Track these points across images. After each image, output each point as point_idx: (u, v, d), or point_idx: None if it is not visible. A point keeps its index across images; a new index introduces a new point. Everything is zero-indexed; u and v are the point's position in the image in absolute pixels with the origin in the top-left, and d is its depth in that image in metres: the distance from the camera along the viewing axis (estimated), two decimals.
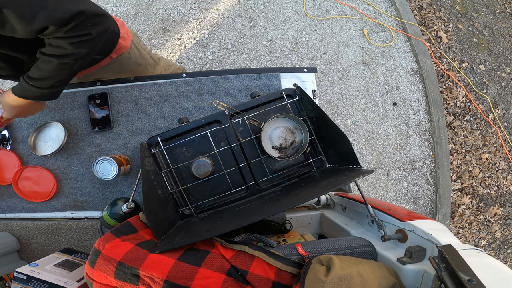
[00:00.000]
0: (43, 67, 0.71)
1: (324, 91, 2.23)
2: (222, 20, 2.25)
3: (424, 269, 0.56)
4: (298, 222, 1.06)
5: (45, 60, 0.70)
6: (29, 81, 0.73)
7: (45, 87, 0.75)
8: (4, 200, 1.08)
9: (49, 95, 0.78)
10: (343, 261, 0.57)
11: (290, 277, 0.61)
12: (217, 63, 2.18)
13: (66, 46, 0.67)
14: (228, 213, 0.86)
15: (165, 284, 0.58)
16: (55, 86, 0.76)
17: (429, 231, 0.60)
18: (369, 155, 2.20)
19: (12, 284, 0.74)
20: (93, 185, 1.07)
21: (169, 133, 0.94)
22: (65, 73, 0.75)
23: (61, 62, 0.70)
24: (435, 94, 2.30)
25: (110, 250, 0.62)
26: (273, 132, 0.96)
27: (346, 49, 2.31)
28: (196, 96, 1.10)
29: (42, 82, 0.74)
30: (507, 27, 2.66)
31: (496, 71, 2.52)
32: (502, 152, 2.38)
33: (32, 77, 0.73)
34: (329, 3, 2.38)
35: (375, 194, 2.17)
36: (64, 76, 0.76)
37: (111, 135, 1.07)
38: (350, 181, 0.70)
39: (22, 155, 1.08)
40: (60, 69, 0.72)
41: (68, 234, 1.06)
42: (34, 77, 0.73)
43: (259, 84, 1.11)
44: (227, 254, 0.64)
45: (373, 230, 0.80)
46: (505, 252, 2.31)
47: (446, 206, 2.20)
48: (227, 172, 0.93)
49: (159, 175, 0.91)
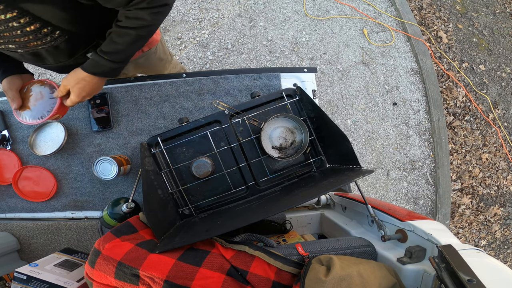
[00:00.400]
0: (119, 40, 0.71)
1: (324, 91, 2.23)
2: (222, 20, 2.25)
3: (424, 269, 0.56)
4: (298, 222, 1.06)
5: (122, 33, 0.70)
6: (103, 55, 0.72)
7: (118, 61, 0.75)
8: (4, 200, 1.08)
9: (117, 70, 0.78)
10: (343, 261, 0.57)
11: (290, 277, 0.61)
12: (217, 63, 2.18)
13: (146, 17, 0.67)
14: (228, 213, 0.86)
15: (165, 284, 0.58)
16: (125, 60, 0.76)
17: (429, 231, 0.60)
18: (369, 155, 2.20)
19: (12, 284, 0.74)
20: (93, 185, 1.07)
21: (169, 133, 0.94)
22: (139, 45, 0.75)
23: (138, 34, 0.70)
24: (435, 94, 2.30)
25: (110, 250, 0.62)
26: (273, 132, 0.96)
27: (346, 49, 2.31)
28: (196, 96, 1.10)
29: (116, 56, 0.73)
30: (507, 27, 2.66)
31: (496, 71, 2.52)
32: (502, 152, 2.38)
33: (107, 51, 0.72)
34: (329, 3, 2.38)
35: (375, 194, 2.17)
36: (137, 49, 0.76)
37: (111, 135, 1.07)
38: (350, 181, 0.70)
39: (22, 155, 1.08)
40: (136, 41, 0.72)
41: (68, 234, 1.06)
42: (109, 51, 0.72)
43: (259, 84, 1.11)
44: (227, 254, 0.64)
45: (373, 230, 0.80)
46: (505, 252, 2.31)
47: (446, 206, 2.20)
48: (227, 172, 0.93)
49: (159, 175, 0.91)
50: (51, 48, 0.71)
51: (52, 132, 1.06)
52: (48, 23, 0.63)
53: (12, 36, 0.62)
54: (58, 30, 0.66)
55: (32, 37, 0.64)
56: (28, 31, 0.62)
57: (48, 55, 0.74)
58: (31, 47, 0.68)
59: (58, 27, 0.65)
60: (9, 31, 0.61)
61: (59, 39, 0.68)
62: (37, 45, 0.67)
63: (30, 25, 0.61)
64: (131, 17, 0.67)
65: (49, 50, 0.71)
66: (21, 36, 0.63)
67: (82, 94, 0.79)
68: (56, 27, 0.65)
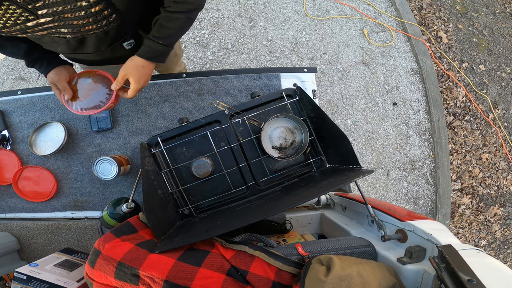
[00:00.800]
0: (170, 25, 0.74)
1: (324, 91, 2.23)
2: (222, 20, 2.25)
3: (424, 269, 0.56)
4: (298, 222, 1.06)
5: (172, 17, 0.73)
6: (158, 40, 0.75)
7: (170, 45, 0.78)
8: (4, 200, 1.08)
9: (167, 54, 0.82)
10: (343, 261, 0.57)
11: (290, 277, 0.61)
12: (217, 63, 2.18)
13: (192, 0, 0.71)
14: (228, 213, 0.86)
15: (165, 284, 0.58)
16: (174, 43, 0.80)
17: (429, 231, 0.60)
18: (369, 155, 2.20)
19: (12, 284, 0.74)
20: (93, 185, 1.07)
21: (169, 133, 0.94)
22: (187, 28, 0.79)
23: (187, 17, 0.74)
24: (435, 94, 2.30)
25: (110, 250, 0.62)
26: (273, 132, 0.96)
27: (346, 49, 2.31)
28: (196, 96, 1.10)
29: (169, 40, 0.77)
30: (507, 27, 2.66)
31: (496, 71, 2.52)
32: (502, 152, 2.38)
33: (160, 36, 0.75)
34: (329, 3, 2.38)
35: (375, 194, 2.17)
36: (185, 31, 0.80)
37: (111, 135, 1.07)
38: (350, 181, 0.70)
39: (22, 155, 1.08)
40: (185, 24, 0.76)
41: (68, 234, 1.06)
42: (162, 36, 0.75)
43: (259, 84, 1.11)
44: (227, 254, 0.64)
45: (373, 230, 0.80)
46: (505, 252, 2.31)
47: (446, 206, 2.20)
48: (227, 172, 0.93)
49: (159, 175, 0.91)
50: (101, 34, 0.72)
51: (52, 132, 1.06)
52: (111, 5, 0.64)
53: (73, 18, 0.63)
54: (115, 14, 0.67)
55: (91, 20, 0.65)
56: (92, 13, 0.63)
57: (93, 42, 0.75)
58: (84, 32, 0.68)
59: (117, 10, 0.67)
60: (74, 11, 0.61)
61: (112, 24, 0.70)
62: (90, 29, 0.68)
63: (96, 6, 0.62)
64: (179, 1, 0.70)
65: (98, 36, 0.72)
66: (82, 18, 0.63)
67: (141, 80, 0.81)
68: (115, 10, 0.67)
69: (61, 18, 0.62)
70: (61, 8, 0.59)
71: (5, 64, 2.13)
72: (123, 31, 0.77)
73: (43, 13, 0.59)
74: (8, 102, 1.09)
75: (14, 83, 2.11)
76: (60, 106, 1.08)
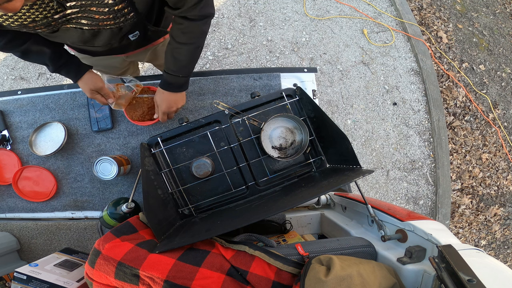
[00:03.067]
0: (182, 57, 0.81)
1: (324, 91, 2.23)
2: (222, 20, 2.25)
3: (424, 269, 0.56)
4: (298, 222, 1.06)
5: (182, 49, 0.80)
6: (173, 73, 0.84)
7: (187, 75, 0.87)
8: (4, 200, 1.08)
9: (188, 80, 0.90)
10: (343, 261, 0.57)
11: (290, 277, 0.61)
12: (217, 63, 2.18)
13: (197, 30, 0.77)
14: (228, 213, 0.86)
15: (165, 284, 0.58)
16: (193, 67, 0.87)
17: (429, 231, 0.60)
18: (369, 155, 2.20)
19: (12, 284, 0.74)
20: (93, 185, 1.07)
21: (169, 133, 0.94)
22: (198, 55, 0.85)
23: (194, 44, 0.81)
24: (435, 94, 2.30)
25: (110, 250, 0.62)
26: (273, 132, 0.96)
27: (346, 49, 2.31)
28: (196, 96, 1.10)
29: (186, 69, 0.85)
30: (507, 27, 2.66)
31: (496, 71, 2.52)
32: (502, 152, 2.38)
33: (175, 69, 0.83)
34: (329, 3, 2.38)
35: (375, 194, 2.17)
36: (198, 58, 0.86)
37: (111, 135, 1.07)
38: (350, 181, 0.70)
39: (22, 155, 1.08)
40: (195, 52, 0.83)
41: (68, 234, 1.06)
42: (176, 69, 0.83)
43: (259, 84, 1.11)
44: (227, 254, 0.64)
45: (373, 230, 0.79)
46: (505, 252, 2.31)
47: (446, 206, 2.20)
48: (227, 172, 0.93)
49: (159, 175, 0.91)
50: (116, 29, 0.73)
51: (52, 132, 1.06)
52: (132, 4, 0.67)
53: (95, 12, 0.65)
54: (133, 12, 0.70)
55: (111, 16, 0.67)
56: (114, 10, 0.65)
57: (106, 36, 0.76)
58: (101, 26, 0.70)
59: (136, 9, 0.69)
60: (99, 6, 0.63)
61: (129, 21, 0.72)
62: (107, 24, 0.70)
63: (119, 4, 0.64)
64: (185, 31, 0.77)
65: (113, 31, 0.74)
66: (105, 14, 0.65)
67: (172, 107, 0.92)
68: (134, 10, 0.69)
69: (86, 10, 0.64)
70: (90, 1, 0.62)
71: (5, 64, 2.13)
72: (135, 27, 0.79)
73: (71, 5, 0.62)
74: (8, 102, 1.09)
75: (14, 83, 2.11)
76: (60, 106, 1.08)
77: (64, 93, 1.09)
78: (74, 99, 1.09)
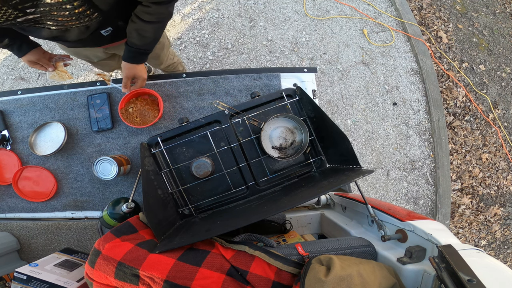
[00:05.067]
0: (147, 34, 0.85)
1: (324, 91, 2.23)
2: (222, 20, 2.25)
3: (424, 269, 0.56)
4: (298, 222, 1.06)
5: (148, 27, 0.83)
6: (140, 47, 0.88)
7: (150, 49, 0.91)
8: (4, 200, 1.08)
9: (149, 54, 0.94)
10: (343, 261, 0.57)
11: (290, 277, 0.61)
12: (217, 63, 2.18)
13: (165, 11, 0.81)
14: (228, 213, 0.86)
15: (165, 284, 0.58)
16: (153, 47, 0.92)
17: (429, 231, 0.60)
18: (369, 155, 2.20)
19: (12, 284, 0.74)
20: (93, 185, 1.07)
21: (169, 133, 0.94)
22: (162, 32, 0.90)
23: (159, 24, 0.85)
24: (435, 94, 2.30)
25: (110, 250, 0.62)
26: (273, 132, 0.96)
27: (346, 49, 2.31)
28: (196, 96, 1.10)
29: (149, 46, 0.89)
30: (507, 27, 2.66)
31: (496, 71, 2.52)
32: (502, 152, 2.38)
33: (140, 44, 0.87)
34: (329, 3, 2.38)
35: (375, 194, 2.17)
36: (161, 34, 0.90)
37: (111, 135, 1.07)
38: (350, 181, 0.70)
39: (22, 155, 1.08)
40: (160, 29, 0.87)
41: (68, 234, 1.06)
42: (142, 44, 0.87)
43: (259, 84, 1.11)
44: (227, 254, 0.64)
45: (373, 230, 0.79)
46: (505, 252, 2.31)
47: (446, 206, 2.20)
48: (227, 172, 0.93)
49: (159, 175, 0.91)
50: (83, 28, 0.77)
51: (52, 132, 1.06)
52: (93, 6, 0.71)
53: (58, 16, 0.69)
54: (97, 12, 0.74)
55: (74, 18, 0.71)
56: (75, 13, 0.69)
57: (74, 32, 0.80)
58: (67, 26, 0.74)
59: (99, 9, 0.73)
60: (59, 11, 0.67)
61: (94, 20, 0.76)
62: (72, 25, 0.74)
63: (79, 8, 0.68)
64: (151, 13, 0.79)
65: (80, 29, 0.78)
66: (67, 16, 0.70)
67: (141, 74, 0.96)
68: (97, 10, 0.73)
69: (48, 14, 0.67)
70: (48, 8, 0.65)
71: (5, 64, 2.13)
72: (104, 25, 0.83)
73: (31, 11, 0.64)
74: (8, 102, 1.09)
75: (14, 83, 2.11)
76: (60, 106, 1.08)
77: (64, 93, 1.09)
78: (74, 99, 1.09)
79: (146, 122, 1.04)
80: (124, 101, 1.03)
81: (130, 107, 1.05)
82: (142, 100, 1.07)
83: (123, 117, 1.02)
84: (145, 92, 1.04)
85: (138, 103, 1.06)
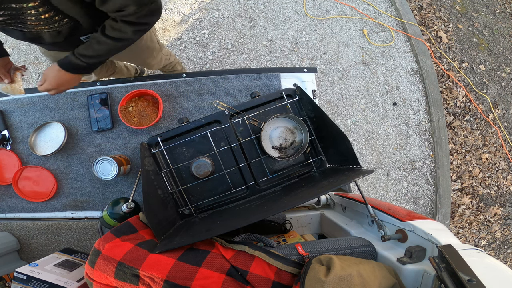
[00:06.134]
0: (98, 47, 0.79)
1: (324, 91, 2.23)
2: (222, 20, 2.25)
3: (424, 269, 0.56)
4: (298, 222, 1.06)
5: (103, 41, 0.77)
6: (80, 57, 0.81)
7: (91, 64, 0.83)
8: (4, 200, 1.08)
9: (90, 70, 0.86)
10: (343, 261, 0.57)
11: (290, 277, 0.61)
12: (217, 63, 2.18)
13: (129, 32, 0.76)
14: (228, 213, 0.86)
15: (165, 284, 0.58)
16: (97, 64, 0.85)
17: (429, 231, 0.60)
18: (369, 155, 2.20)
19: (12, 284, 0.74)
20: (93, 185, 1.07)
21: (169, 133, 0.94)
22: (112, 54, 0.83)
23: (116, 45, 0.79)
24: (435, 94, 2.30)
25: (110, 250, 0.62)
26: (273, 132, 0.96)
27: (346, 49, 2.31)
28: (196, 96, 1.10)
29: (91, 60, 0.82)
30: (507, 27, 2.66)
31: (496, 71, 2.52)
32: (502, 152, 2.38)
33: (85, 54, 0.80)
34: (329, 3, 2.38)
35: (375, 194, 2.17)
36: (110, 56, 0.84)
37: (111, 135, 1.07)
38: (350, 181, 0.70)
39: (22, 155, 1.08)
40: (111, 50, 0.81)
41: (68, 234, 1.06)
42: (86, 55, 0.80)
43: (259, 84, 1.11)
44: (227, 254, 0.64)
45: (373, 230, 0.79)
46: (505, 252, 2.31)
47: (446, 206, 2.20)
48: (227, 172, 0.93)
49: (159, 175, 0.91)
50: (54, 33, 0.77)
51: (52, 132, 1.06)
52: (61, 12, 0.70)
53: (26, 20, 0.70)
54: (66, 18, 0.73)
55: (42, 23, 0.71)
56: (42, 18, 0.69)
57: (48, 37, 0.80)
58: (38, 30, 0.74)
59: (68, 16, 0.73)
60: (26, 15, 0.68)
61: (65, 26, 0.76)
62: (42, 29, 0.74)
63: (45, 13, 0.68)
64: (116, 28, 0.75)
65: (51, 33, 0.78)
66: (34, 21, 0.70)
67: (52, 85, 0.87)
68: (66, 16, 0.72)
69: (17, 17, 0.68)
70: (15, 12, 0.66)
71: None
72: (78, 31, 0.82)
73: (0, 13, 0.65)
74: (8, 102, 1.10)
75: None
76: (60, 106, 1.08)
77: (64, 93, 1.09)
78: (74, 99, 1.09)
79: (143, 124, 1.04)
80: (126, 99, 1.03)
81: (131, 105, 1.05)
82: (144, 101, 1.07)
83: (121, 114, 1.01)
84: (148, 93, 1.04)
85: (139, 103, 1.06)
